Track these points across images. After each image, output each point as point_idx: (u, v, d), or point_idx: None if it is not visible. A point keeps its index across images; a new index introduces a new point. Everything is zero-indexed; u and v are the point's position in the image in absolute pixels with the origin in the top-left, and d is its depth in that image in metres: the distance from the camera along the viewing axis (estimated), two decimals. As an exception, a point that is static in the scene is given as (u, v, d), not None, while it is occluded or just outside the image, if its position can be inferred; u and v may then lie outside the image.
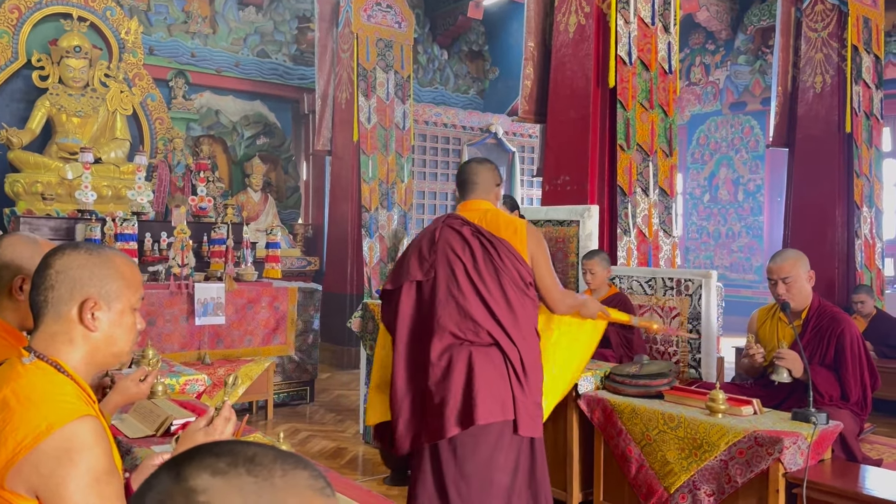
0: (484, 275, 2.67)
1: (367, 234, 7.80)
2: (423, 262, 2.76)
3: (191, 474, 0.59)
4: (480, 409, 2.53)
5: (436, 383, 2.61)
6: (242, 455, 0.61)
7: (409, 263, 2.80)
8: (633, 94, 5.15)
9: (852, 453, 3.07)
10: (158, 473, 0.61)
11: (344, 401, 6.29)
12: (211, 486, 0.58)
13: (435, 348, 2.63)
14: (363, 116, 7.79)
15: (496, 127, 11.11)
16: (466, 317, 2.64)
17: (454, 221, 2.80)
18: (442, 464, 2.62)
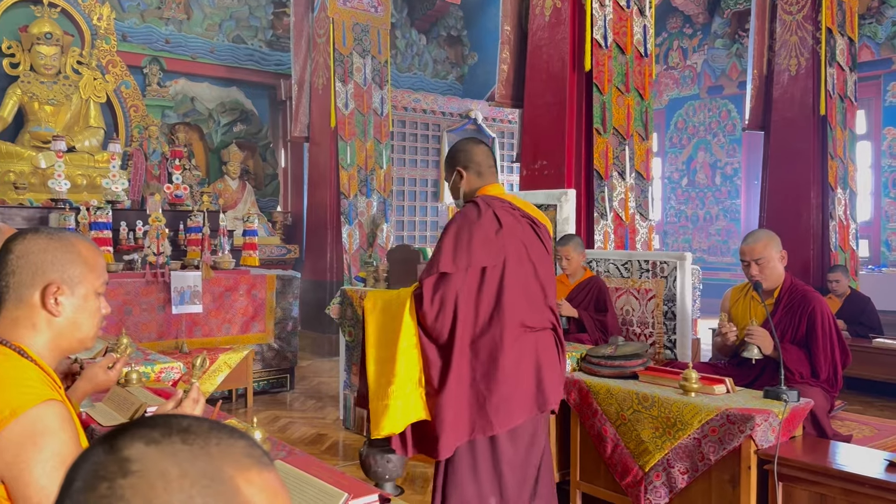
0: (539, 260, 2.67)
1: (347, 220, 7.77)
2: (490, 247, 2.55)
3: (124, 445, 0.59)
4: (552, 394, 2.66)
5: (506, 371, 2.54)
6: (177, 426, 0.61)
7: (473, 247, 2.51)
8: (609, 78, 5.16)
9: (823, 430, 3.12)
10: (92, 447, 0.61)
11: (324, 388, 6.29)
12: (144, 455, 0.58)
13: (507, 336, 2.55)
14: (340, 102, 7.75)
15: (476, 113, 11.09)
16: (533, 302, 2.64)
17: (504, 204, 2.65)
18: (500, 452, 2.61)
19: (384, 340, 2.55)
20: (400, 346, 2.50)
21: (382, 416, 2.49)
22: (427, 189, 10.98)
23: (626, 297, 4.50)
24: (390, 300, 2.62)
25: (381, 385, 2.52)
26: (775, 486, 2.79)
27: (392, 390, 2.48)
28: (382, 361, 2.54)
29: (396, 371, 2.50)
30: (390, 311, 2.57)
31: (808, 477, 2.74)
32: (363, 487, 1.87)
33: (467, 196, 2.73)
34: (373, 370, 2.57)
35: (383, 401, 2.49)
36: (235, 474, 0.59)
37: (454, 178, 2.76)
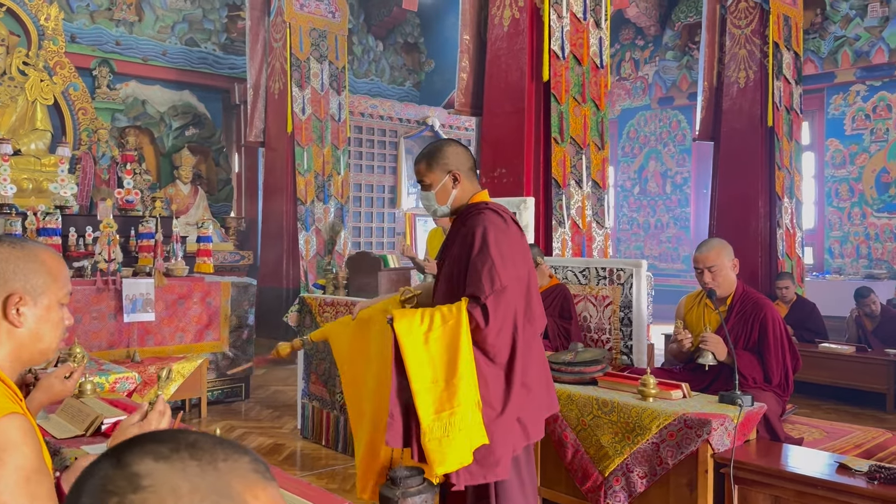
0: (532, 267, 2.65)
1: (304, 227, 7.70)
2: (524, 256, 2.52)
3: (133, 460, 0.58)
4: (555, 399, 2.71)
5: (538, 380, 2.54)
6: (184, 441, 0.61)
7: (516, 258, 2.46)
8: (566, 88, 5.24)
9: (775, 433, 3.21)
10: (98, 462, 0.60)
11: (281, 396, 6.21)
12: (154, 471, 0.58)
13: (535, 345, 2.54)
14: (297, 107, 7.68)
15: (433, 119, 11.12)
16: (540, 309, 2.64)
17: (507, 211, 2.60)
18: (530, 461, 2.65)
19: (439, 367, 2.30)
20: (460, 371, 2.29)
21: (447, 450, 2.27)
22: (384, 195, 10.96)
23: (583, 304, 4.56)
24: (439, 321, 2.31)
25: (439, 419, 2.28)
26: (731, 489, 2.86)
27: (455, 421, 2.28)
28: (437, 391, 2.29)
29: (459, 399, 2.29)
30: (446, 335, 2.31)
31: (763, 479, 2.81)
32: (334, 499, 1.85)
33: (457, 202, 2.56)
34: (427, 403, 2.28)
35: (446, 434, 2.27)
36: (243, 490, 0.59)
37: (445, 183, 2.54)
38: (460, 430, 2.28)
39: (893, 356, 5.74)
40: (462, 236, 2.50)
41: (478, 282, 2.34)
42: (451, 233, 2.63)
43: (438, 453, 2.26)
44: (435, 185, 2.56)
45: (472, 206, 2.56)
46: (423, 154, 2.62)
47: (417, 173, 2.62)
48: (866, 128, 9.47)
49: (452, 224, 2.65)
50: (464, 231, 2.50)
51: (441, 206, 2.58)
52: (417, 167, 2.61)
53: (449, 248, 2.61)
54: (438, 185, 2.55)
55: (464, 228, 2.51)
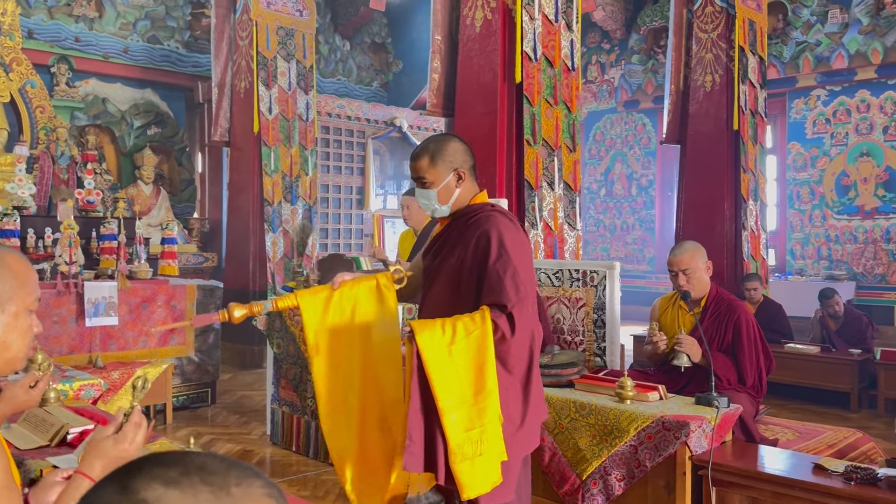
0: None
1: (270, 228, 7.58)
2: (531, 261, 2.49)
3: (140, 486, 0.53)
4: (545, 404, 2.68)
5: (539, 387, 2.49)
6: (192, 463, 0.56)
7: (531, 265, 2.43)
8: (538, 90, 5.23)
9: (751, 434, 3.23)
10: (101, 488, 0.55)
11: (248, 402, 6.10)
12: (165, 497, 0.52)
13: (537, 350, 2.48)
14: (264, 107, 7.56)
15: (401, 120, 11.05)
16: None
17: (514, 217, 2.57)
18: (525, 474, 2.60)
19: (465, 382, 2.17)
20: (488, 386, 2.18)
21: (479, 471, 2.16)
22: (352, 196, 10.86)
23: (557, 306, 4.55)
24: (462, 332, 2.18)
25: (470, 438, 2.16)
26: (710, 491, 2.87)
27: (485, 438, 2.17)
28: (465, 407, 2.16)
29: (489, 415, 2.17)
30: (471, 347, 2.18)
31: (741, 481, 2.82)
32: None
33: (458, 203, 2.42)
34: (456, 421, 2.14)
35: (478, 453, 2.16)
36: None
37: (449, 181, 2.40)
38: (491, 448, 2.18)
39: (857, 356, 5.85)
40: (467, 239, 2.36)
41: (502, 290, 2.23)
42: (447, 234, 2.47)
43: (470, 475, 2.14)
44: (437, 183, 2.39)
45: (475, 207, 2.44)
46: (425, 149, 2.43)
47: (417, 169, 2.42)
48: (827, 132, 9.67)
49: (447, 225, 2.50)
50: (468, 234, 2.37)
51: (442, 205, 2.43)
52: (418, 163, 2.41)
53: (444, 250, 2.45)
54: (441, 184, 2.39)
55: (468, 231, 2.38)
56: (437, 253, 2.50)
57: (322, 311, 2.47)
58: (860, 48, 9.21)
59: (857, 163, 9.40)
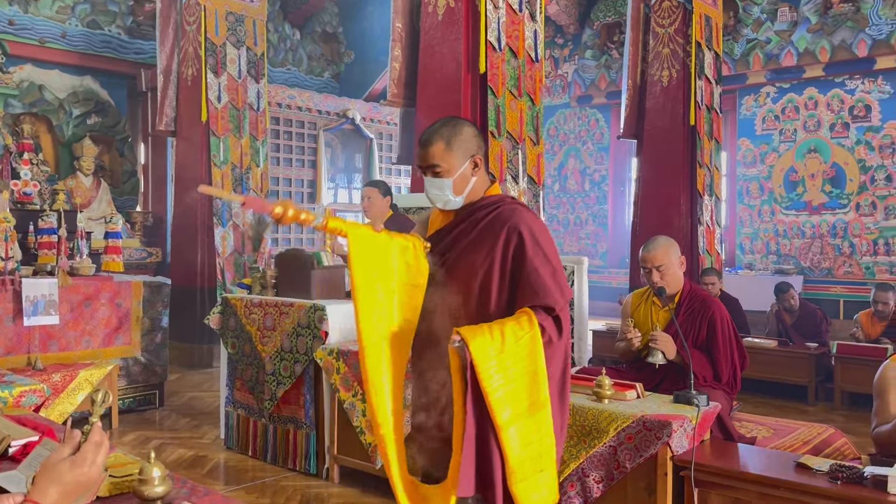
0: None
1: (220, 222, 7.29)
2: None
3: None
4: None
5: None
6: None
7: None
8: (502, 81, 5.11)
9: (729, 433, 3.17)
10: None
11: (198, 403, 5.83)
12: None
13: None
14: (212, 95, 7.25)
15: (353, 112, 10.82)
16: None
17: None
18: None
19: (520, 393, 2.01)
20: (542, 395, 2.03)
21: (539, 489, 2.03)
22: (303, 190, 10.59)
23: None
24: (511, 336, 2.00)
25: (528, 454, 2.01)
26: (692, 493, 2.79)
27: (543, 452, 2.03)
28: (521, 420, 2.01)
29: (546, 427, 2.04)
30: (522, 353, 2.01)
31: (725, 482, 2.75)
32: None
33: (472, 194, 2.21)
34: (514, 436, 1.98)
35: (538, 469, 2.03)
36: None
37: (465, 169, 2.17)
38: (549, 464, 2.05)
39: (814, 349, 5.92)
40: (493, 235, 2.15)
41: (546, 291, 2.08)
42: (459, 228, 2.22)
43: (532, 493, 2.01)
44: (453, 171, 2.15)
45: (494, 199, 2.24)
46: (438, 134, 2.17)
47: (430, 156, 2.15)
48: (776, 128, 9.84)
49: (457, 218, 2.24)
50: (492, 229, 2.15)
51: (456, 196, 2.19)
52: (431, 149, 2.14)
53: (458, 246, 2.20)
54: (457, 172, 2.16)
55: (491, 226, 2.16)
56: (449, 248, 2.24)
57: (371, 252, 2.13)
58: (809, 46, 9.39)
59: (805, 159, 9.59)
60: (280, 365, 4.24)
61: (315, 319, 4.09)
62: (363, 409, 3.80)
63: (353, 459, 3.94)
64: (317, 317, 4.08)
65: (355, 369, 3.83)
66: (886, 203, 8.97)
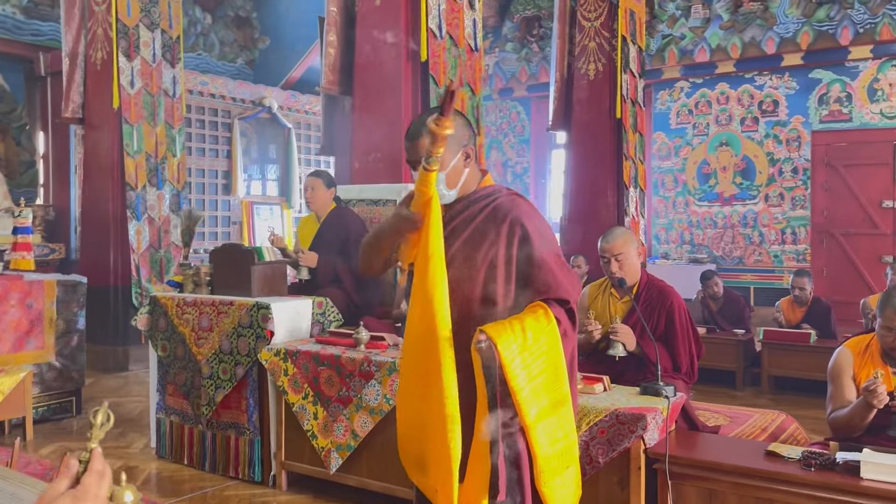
0: None
1: (134, 215, 6.84)
2: None
3: None
4: None
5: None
6: None
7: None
8: (444, 70, 4.99)
9: (693, 422, 3.19)
10: None
11: (119, 410, 5.45)
12: None
13: None
14: (125, 80, 6.79)
15: (270, 101, 10.44)
16: None
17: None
18: None
19: (544, 390, 1.94)
20: (564, 390, 1.97)
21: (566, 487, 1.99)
22: (217, 181, 10.14)
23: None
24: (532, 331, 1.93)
25: (555, 452, 1.95)
26: (666, 486, 2.78)
27: (568, 449, 1.98)
28: (546, 417, 1.94)
29: (569, 425, 1.99)
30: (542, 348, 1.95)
31: (699, 473, 2.76)
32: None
33: (465, 187, 2.12)
34: (542, 434, 1.92)
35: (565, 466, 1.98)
36: None
37: (457, 162, 2.09)
38: (573, 460, 2.01)
39: (741, 336, 6.13)
40: (494, 228, 2.06)
41: (558, 284, 2.02)
42: (453, 222, 2.12)
43: (561, 491, 1.96)
44: (445, 164, 2.05)
45: (489, 190, 2.16)
46: (425, 125, 2.00)
47: (419, 149, 2.03)
48: (689, 122, 10.16)
49: (450, 212, 2.14)
50: (492, 222, 2.07)
51: (450, 190, 2.10)
52: (421, 141, 2.02)
53: (453, 241, 2.09)
54: (449, 165, 2.07)
55: (490, 219, 2.08)
56: (445, 246, 2.08)
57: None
58: (721, 43, 9.73)
59: (717, 152, 9.96)
60: (218, 368, 3.99)
61: (258, 318, 3.86)
62: (315, 412, 3.62)
63: (302, 465, 3.75)
64: (260, 315, 3.86)
65: (305, 370, 3.65)
66: (793, 194, 9.43)
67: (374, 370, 3.42)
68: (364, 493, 3.56)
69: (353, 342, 3.67)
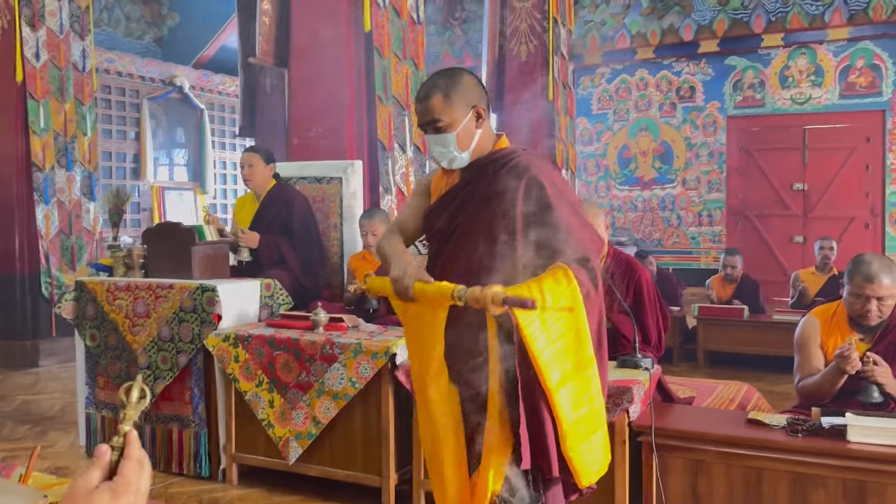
0: None
1: (42, 199, 6.30)
2: None
3: None
4: None
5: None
6: None
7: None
8: (388, 42, 4.80)
9: (668, 395, 3.17)
10: None
11: (35, 408, 5.00)
12: None
13: None
14: (29, 52, 6.23)
15: (181, 80, 9.92)
16: None
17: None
18: None
19: (567, 353, 1.85)
20: (587, 352, 1.87)
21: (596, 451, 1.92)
22: (126, 165, 9.56)
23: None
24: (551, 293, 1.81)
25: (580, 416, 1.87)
26: (651, 458, 2.74)
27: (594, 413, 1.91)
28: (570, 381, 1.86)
29: (594, 387, 1.90)
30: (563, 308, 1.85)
31: (684, 444, 2.72)
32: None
33: (479, 149, 2.03)
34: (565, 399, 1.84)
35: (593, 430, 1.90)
36: None
37: (468, 122, 1.99)
38: (601, 424, 1.93)
39: (676, 313, 6.24)
40: (510, 189, 1.95)
41: (579, 242, 1.91)
42: (469, 187, 2.05)
43: (588, 457, 1.89)
44: (455, 124, 1.98)
45: (505, 151, 2.06)
46: (435, 86, 2.00)
47: (429, 111, 1.99)
48: (610, 108, 10.32)
49: (465, 176, 2.07)
50: (507, 183, 1.96)
51: (462, 152, 2.02)
52: (430, 102, 1.98)
53: (470, 206, 2.02)
54: (460, 125, 1.98)
55: (506, 180, 1.97)
56: (460, 210, 2.05)
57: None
58: (640, 29, 9.91)
59: (637, 137, 10.16)
60: (157, 357, 3.68)
61: (203, 302, 3.58)
62: (270, 400, 3.39)
63: (256, 457, 3.51)
64: (205, 299, 3.58)
65: (259, 355, 3.41)
66: (709, 178, 9.73)
67: (338, 352, 3.23)
68: (326, 484, 3.37)
69: (310, 325, 3.46)
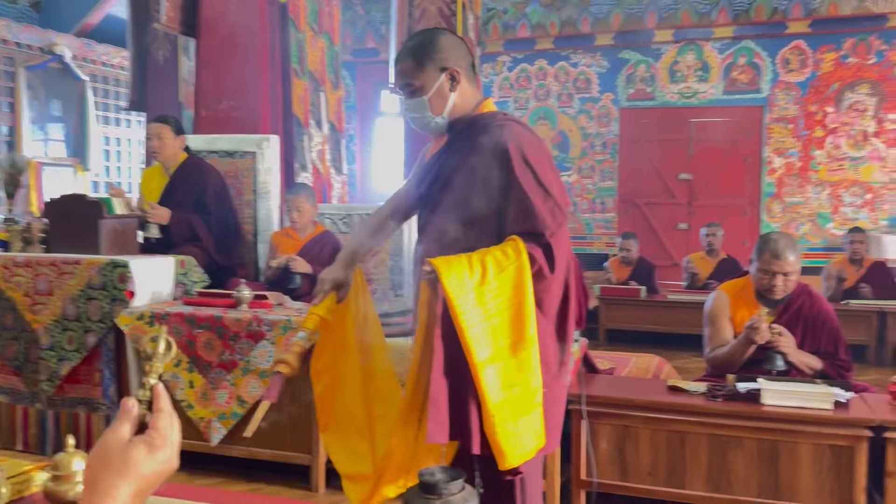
0: None
1: None
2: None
3: None
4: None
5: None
6: None
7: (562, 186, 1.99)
8: (303, 14, 4.69)
9: (592, 366, 3.29)
10: None
11: None
12: None
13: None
14: None
15: (62, 48, 9.26)
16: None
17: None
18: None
19: (501, 331, 1.79)
20: (527, 332, 1.80)
21: (524, 433, 1.81)
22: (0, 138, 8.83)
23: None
24: (493, 268, 1.78)
25: (510, 396, 1.78)
26: (580, 426, 2.84)
27: (528, 394, 1.81)
28: (502, 360, 1.78)
29: (531, 368, 1.81)
30: (505, 287, 1.79)
31: (613, 411, 2.84)
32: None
33: (456, 111, 1.98)
34: (493, 377, 1.76)
35: (522, 412, 1.80)
36: None
37: (441, 84, 1.95)
38: (534, 407, 1.82)
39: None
40: (479, 155, 1.91)
41: (534, 215, 1.85)
42: (448, 153, 2.01)
43: (514, 439, 1.78)
44: (428, 87, 1.95)
45: (485, 116, 2.01)
46: (408, 48, 1.98)
47: (401, 73, 1.97)
48: (511, 96, 10.52)
49: (448, 142, 2.03)
50: (479, 149, 1.92)
51: (436, 116, 1.98)
52: (401, 65, 1.97)
53: (446, 173, 1.98)
54: (432, 89, 1.95)
55: (479, 145, 1.93)
56: (439, 177, 2.01)
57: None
58: (540, 20, 10.15)
59: (537, 125, 10.40)
60: (62, 337, 3.45)
61: (114, 278, 3.38)
62: (190, 380, 3.26)
63: (173, 439, 3.35)
64: (116, 275, 3.38)
65: (178, 334, 3.27)
66: (603, 167, 10.12)
67: (266, 329, 3.14)
68: (251, 465, 3.28)
69: (233, 302, 3.34)
